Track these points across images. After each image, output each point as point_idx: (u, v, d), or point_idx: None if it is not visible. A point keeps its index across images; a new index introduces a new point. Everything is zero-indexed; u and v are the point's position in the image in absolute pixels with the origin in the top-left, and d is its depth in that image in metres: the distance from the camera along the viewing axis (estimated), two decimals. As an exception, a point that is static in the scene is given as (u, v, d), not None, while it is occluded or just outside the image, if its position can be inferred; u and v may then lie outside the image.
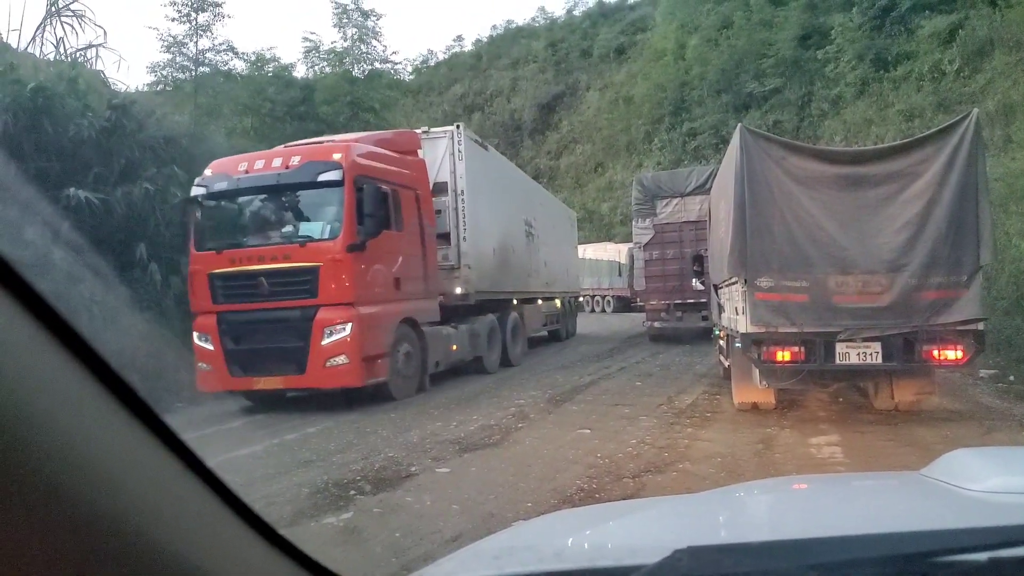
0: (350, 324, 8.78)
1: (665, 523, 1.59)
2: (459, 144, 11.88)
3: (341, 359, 8.81)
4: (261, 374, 9.09)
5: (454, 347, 11.36)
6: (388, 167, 9.88)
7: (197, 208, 9.54)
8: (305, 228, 9.24)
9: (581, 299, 25.73)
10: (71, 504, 0.55)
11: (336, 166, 8.97)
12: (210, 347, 9.17)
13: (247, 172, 9.36)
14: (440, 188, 11.66)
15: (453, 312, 11.73)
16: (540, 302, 17.21)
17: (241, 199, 9.60)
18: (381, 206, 9.36)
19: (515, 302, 14.73)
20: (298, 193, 9.35)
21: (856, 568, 0.96)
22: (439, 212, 11.46)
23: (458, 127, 12.19)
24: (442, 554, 1.48)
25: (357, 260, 9.00)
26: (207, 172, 9.71)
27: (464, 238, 11.79)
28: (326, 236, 9.02)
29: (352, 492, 5.41)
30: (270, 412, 9.17)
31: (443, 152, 11.90)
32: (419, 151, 11.30)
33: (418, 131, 12.04)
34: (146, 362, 9.41)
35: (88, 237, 9.59)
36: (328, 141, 10.81)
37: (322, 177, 8.97)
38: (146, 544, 0.61)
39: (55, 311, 0.57)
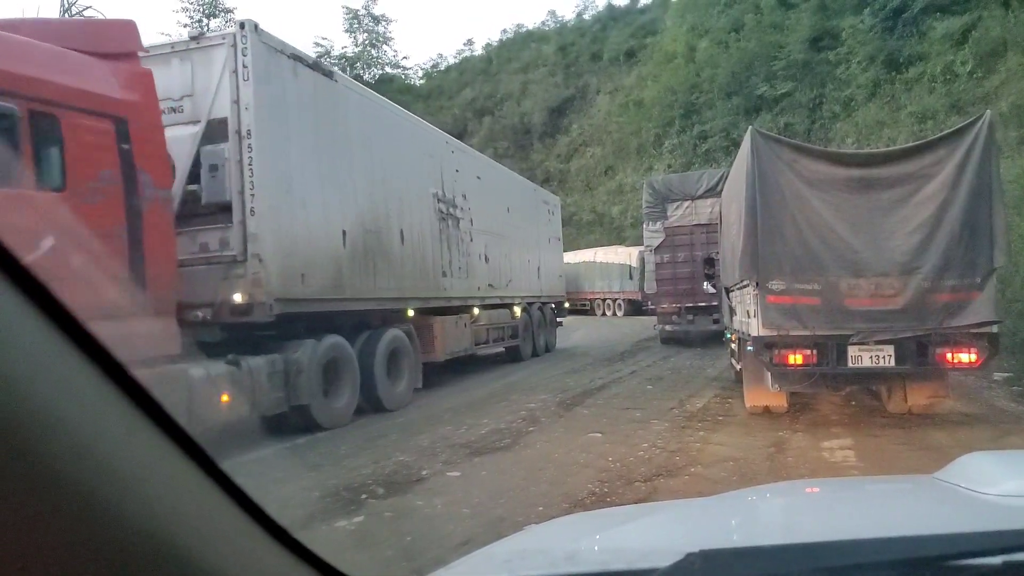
0: None
1: (677, 527, 1.58)
2: (243, 55, 7.34)
3: None
4: None
5: (224, 398, 6.84)
6: (19, 68, 5.29)
7: None
8: None
9: (567, 304, 20.77)
10: (81, 503, 0.56)
11: None
12: None
13: None
14: (218, 129, 7.42)
15: (268, 330, 7.68)
16: (477, 311, 12.88)
17: None
18: None
19: (410, 313, 10.41)
20: None
21: (869, 572, 0.96)
22: (215, 168, 7.29)
23: (242, 25, 7.48)
24: (453, 558, 1.48)
25: None
26: None
27: (252, 211, 7.29)
28: None
29: (363, 496, 5.42)
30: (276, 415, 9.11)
31: (220, 71, 7.44)
32: (141, 55, 6.75)
33: (186, 38, 7.87)
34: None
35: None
36: None
37: None
38: (157, 545, 0.61)
39: (62, 305, 0.57)
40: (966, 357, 6.65)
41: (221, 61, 7.47)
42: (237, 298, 7.25)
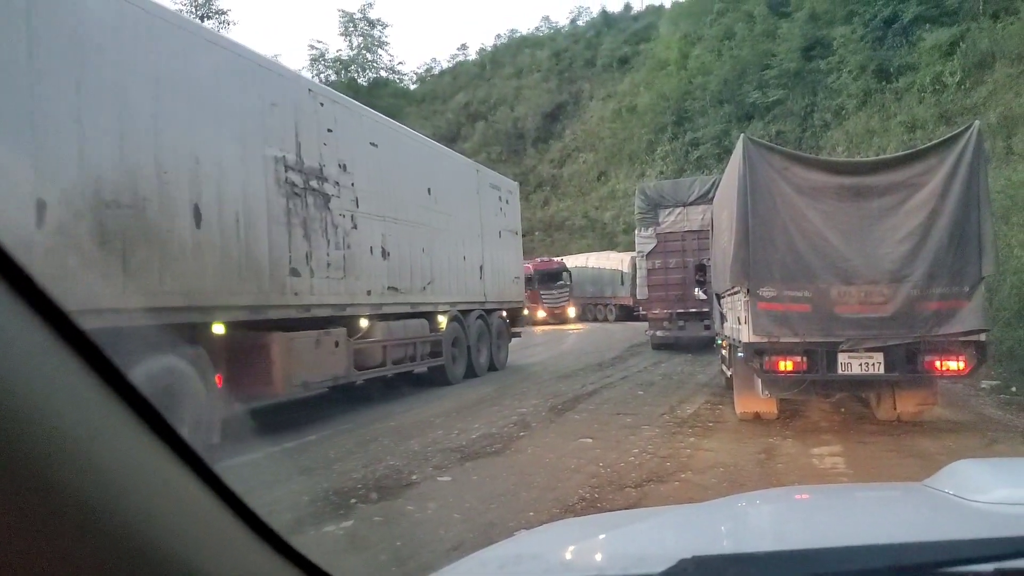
0: None
1: (669, 533, 1.59)
2: None
3: None
4: None
5: None
6: None
7: None
8: None
9: (526, 312, 17.27)
10: (73, 506, 0.55)
11: None
12: None
13: None
14: None
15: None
16: (366, 322, 9.61)
17: None
18: None
19: (217, 330, 7.01)
20: None
21: None
22: None
23: None
24: (444, 563, 1.48)
25: None
26: None
27: None
28: None
29: (353, 500, 5.40)
30: (268, 419, 9.10)
31: None
32: None
33: None
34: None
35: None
36: None
37: None
38: (148, 547, 0.61)
39: (58, 306, 0.57)
40: (954, 365, 6.69)
41: None
42: None
